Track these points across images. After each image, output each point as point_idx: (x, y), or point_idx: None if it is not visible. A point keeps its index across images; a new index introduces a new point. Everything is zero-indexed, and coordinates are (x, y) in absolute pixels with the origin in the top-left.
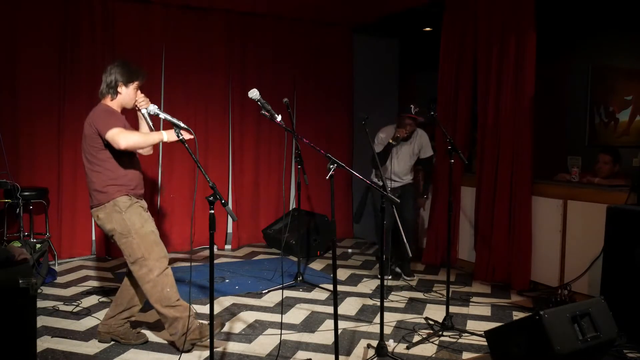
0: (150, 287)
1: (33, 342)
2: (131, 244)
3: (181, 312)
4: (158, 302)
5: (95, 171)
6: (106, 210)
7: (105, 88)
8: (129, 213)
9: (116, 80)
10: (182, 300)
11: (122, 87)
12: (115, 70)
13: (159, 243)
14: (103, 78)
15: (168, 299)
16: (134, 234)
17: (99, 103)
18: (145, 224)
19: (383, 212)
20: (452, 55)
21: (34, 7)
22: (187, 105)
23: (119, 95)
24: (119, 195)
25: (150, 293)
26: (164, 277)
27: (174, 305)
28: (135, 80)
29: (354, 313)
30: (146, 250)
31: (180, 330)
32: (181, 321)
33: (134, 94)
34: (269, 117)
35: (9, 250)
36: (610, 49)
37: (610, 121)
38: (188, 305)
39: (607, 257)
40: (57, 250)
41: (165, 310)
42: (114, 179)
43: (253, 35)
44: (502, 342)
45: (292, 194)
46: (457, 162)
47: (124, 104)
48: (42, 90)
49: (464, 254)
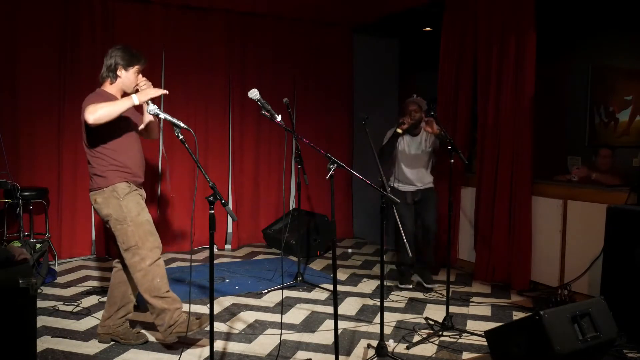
0: (141, 275)
1: (33, 342)
2: (126, 231)
3: (169, 304)
4: (147, 292)
5: (95, 157)
6: (104, 195)
7: (105, 71)
8: (126, 200)
9: (116, 64)
10: (172, 292)
11: (122, 70)
12: (115, 54)
13: (154, 233)
14: (104, 62)
15: (158, 289)
16: (129, 221)
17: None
18: (142, 212)
19: (383, 212)
20: (452, 55)
21: (34, 7)
22: (187, 105)
23: (119, 79)
24: (119, 181)
25: (140, 282)
26: (155, 267)
27: (163, 296)
28: (136, 64)
29: (354, 313)
30: (140, 238)
31: (166, 322)
32: (168, 313)
33: (135, 78)
34: (269, 117)
35: (9, 250)
36: (610, 49)
37: (610, 121)
38: (177, 298)
39: (607, 257)
40: (57, 250)
41: (154, 300)
42: (114, 164)
43: (253, 35)
44: (502, 342)
45: (292, 194)
46: (457, 162)
47: (124, 88)
48: (42, 90)
49: (464, 254)
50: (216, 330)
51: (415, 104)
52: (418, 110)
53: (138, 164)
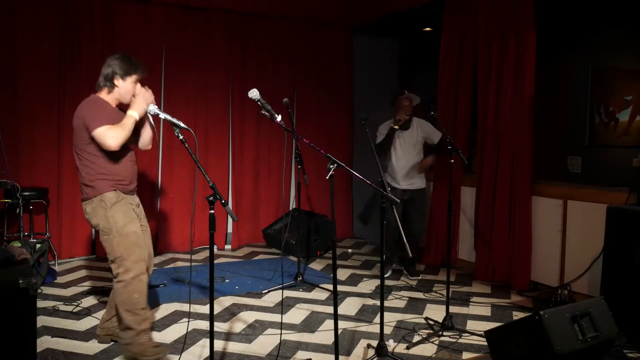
0: (121, 286)
1: (33, 342)
2: (111, 242)
3: (137, 324)
4: (122, 304)
5: (84, 165)
6: (93, 205)
7: (102, 80)
8: (113, 210)
9: (113, 72)
10: (147, 311)
11: (119, 80)
12: (114, 63)
13: (140, 245)
14: (102, 70)
15: (133, 304)
16: (115, 232)
17: (91, 95)
18: (130, 224)
19: (383, 212)
20: (452, 55)
21: (34, 7)
22: (187, 105)
23: (116, 88)
24: (107, 191)
25: (119, 292)
26: (137, 282)
27: (136, 312)
28: (134, 73)
29: (354, 313)
30: (125, 250)
31: (127, 339)
32: (132, 332)
33: (132, 88)
34: (269, 117)
35: (9, 250)
36: (610, 49)
37: (610, 121)
38: (148, 317)
39: (607, 257)
40: (57, 250)
41: (126, 314)
42: (102, 173)
43: (253, 35)
44: (502, 342)
45: (292, 194)
46: (457, 162)
47: (120, 98)
48: (42, 90)
49: (464, 254)
50: (216, 330)
51: (408, 99)
52: (410, 106)
53: (128, 170)
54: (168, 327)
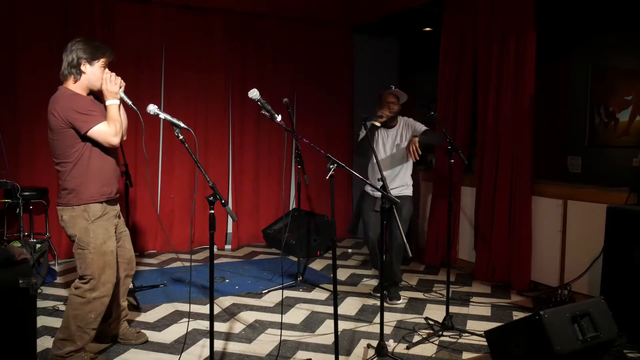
0: (81, 302)
1: (33, 342)
2: (85, 258)
3: (79, 340)
4: (75, 318)
5: (64, 168)
6: (73, 214)
7: (67, 68)
8: (95, 225)
9: (79, 58)
10: (94, 332)
11: (86, 65)
12: (76, 47)
13: (113, 266)
14: (63, 57)
15: (87, 322)
16: (92, 248)
17: (59, 87)
18: (107, 241)
19: (383, 213)
20: (452, 55)
21: (34, 7)
22: (187, 105)
23: (83, 75)
24: (93, 202)
25: (75, 306)
26: (98, 303)
27: (84, 330)
28: (101, 57)
29: (354, 313)
30: (97, 269)
31: (62, 352)
32: (70, 346)
33: (101, 73)
34: (269, 117)
35: (9, 250)
36: (610, 49)
37: (610, 121)
38: (91, 337)
39: (607, 257)
40: (57, 250)
41: (74, 328)
42: (85, 176)
43: (253, 35)
44: (502, 342)
45: (292, 194)
46: (457, 162)
47: (90, 86)
48: (42, 90)
49: (464, 254)
50: (216, 330)
51: (393, 96)
52: (396, 103)
53: (112, 169)
54: (168, 327)
